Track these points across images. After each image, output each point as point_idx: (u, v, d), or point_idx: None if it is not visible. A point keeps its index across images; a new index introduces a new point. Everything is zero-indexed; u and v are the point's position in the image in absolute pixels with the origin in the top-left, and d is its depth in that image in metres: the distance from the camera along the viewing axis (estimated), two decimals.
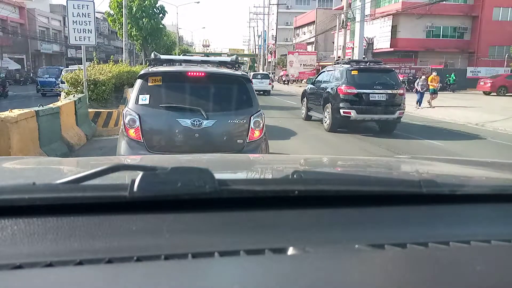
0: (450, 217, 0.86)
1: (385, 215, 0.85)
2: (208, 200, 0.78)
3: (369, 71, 9.79)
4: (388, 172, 1.58)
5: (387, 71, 10.06)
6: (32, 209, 0.72)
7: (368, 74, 9.62)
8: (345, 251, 0.69)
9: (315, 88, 11.14)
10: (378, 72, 9.88)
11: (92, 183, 0.79)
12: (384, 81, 9.43)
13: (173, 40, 48.18)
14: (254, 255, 0.65)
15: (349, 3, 26.73)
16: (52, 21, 45.65)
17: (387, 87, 9.31)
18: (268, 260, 0.65)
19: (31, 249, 0.65)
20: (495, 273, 0.61)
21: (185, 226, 0.75)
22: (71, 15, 8.88)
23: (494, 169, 1.59)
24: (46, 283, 0.55)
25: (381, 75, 9.68)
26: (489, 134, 10.34)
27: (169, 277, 0.57)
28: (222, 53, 49.23)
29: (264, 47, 51.85)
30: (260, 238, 0.71)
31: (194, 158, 1.93)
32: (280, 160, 2.26)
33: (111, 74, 11.58)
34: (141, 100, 3.95)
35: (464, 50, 33.95)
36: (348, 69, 9.50)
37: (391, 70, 10.26)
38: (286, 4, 54.00)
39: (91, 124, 8.98)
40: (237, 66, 4.93)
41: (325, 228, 0.78)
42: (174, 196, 0.76)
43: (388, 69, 10.43)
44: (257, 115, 4.08)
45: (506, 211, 0.92)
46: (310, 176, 1.08)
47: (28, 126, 5.55)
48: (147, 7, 27.18)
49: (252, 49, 72.52)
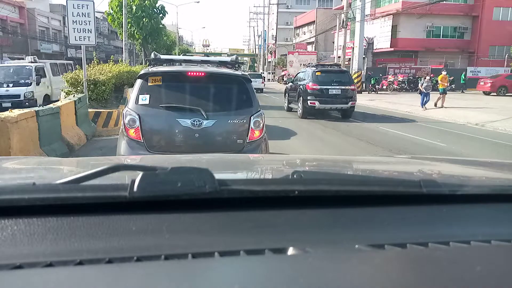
0: (450, 217, 0.86)
1: (385, 215, 0.85)
2: (208, 200, 0.78)
3: (329, 72, 12.89)
4: (388, 172, 1.58)
5: (342, 72, 13.40)
6: (32, 209, 0.72)
7: (328, 74, 12.69)
8: (345, 251, 0.69)
9: (293, 86, 14.07)
10: (336, 73, 13.01)
11: (92, 183, 0.79)
12: (340, 80, 12.54)
13: (173, 40, 48.17)
14: (254, 255, 0.65)
15: (349, 3, 26.73)
16: (52, 21, 45.62)
17: (342, 84, 12.40)
18: (268, 260, 0.65)
19: (31, 249, 0.65)
20: (495, 273, 0.61)
21: (185, 226, 0.75)
22: (71, 14, 8.87)
23: (494, 169, 1.59)
24: (46, 283, 0.55)
25: (338, 75, 12.78)
26: (489, 134, 10.35)
27: (169, 277, 0.57)
28: (222, 53, 49.32)
29: (264, 47, 51.87)
30: (260, 238, 0.71)
31: (194, 158, 1.93)
32: (280, 160, 2.26)
33: (111, 74, 11.59)
34: (141, 100, 3.94)
35: (464, 50, 33.95)
36: (314, 71, 12.67)
37: (346, 71, 13.83)
38: (286, 4, 53.98)
39: (91, 124, 8.98)
40: (237, 66, 4.93)
41: (325, 228, 0.78)
42: (174, 196, 0.76)
43: (343, 70, 13.95)
44: (257, 115, 4.08)
45: (506, 211, 0.92)
46: (310, 176, 1.08)
47: (28, 126, 5.55)
48: (147, 6, 27.17)
49: (252, 49, 72.55)
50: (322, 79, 12.36)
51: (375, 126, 11.39)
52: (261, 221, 0.78)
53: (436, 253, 0.69)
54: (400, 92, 27.22)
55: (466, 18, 33.74)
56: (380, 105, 18.31)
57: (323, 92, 12.19)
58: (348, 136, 9.73)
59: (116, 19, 25.73)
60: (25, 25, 40.06)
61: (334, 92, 12.29)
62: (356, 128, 10.99)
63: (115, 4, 25.50)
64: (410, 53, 33.50)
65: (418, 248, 0.70)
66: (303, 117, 12.51)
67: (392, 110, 16.45)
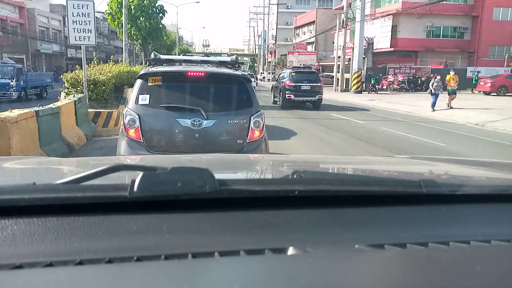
0: (450, 217, 0.86)
1: (385, 215, 0.85)
2: (208, 200, 0.78)
3: (301, 73, 16.75)
4: (388, 172, 1.58)
5: (312, 72, 17.69)
6: (32, 209, 0.72)
7: (301, 74, 16.51)
8: (345, 251, 0.69)
9: (277, 83, 18.07)
10: (307, 73, 16.92)
11: (92, 183, 0.79)
12: (309, 78, 16.39)
13: (173, 40, 48.16)
14: (254, 255, 0.65)
15: (349, 3, 26.74)
16: (52, 21, 45.62)
17: (311, 82, 16.27)
18: (268, 260, 0.65)
19: (31, 249, 0.65)
20: (495, 273, 0.61)
21: (185, 226, 0.75)
22: (71, 15, 8.86)
23: (494, 169, 1.59)
24: (46, 283, 0.55)
25: (309, 75, 16.64)
26: (489, 134, 10.35)
27: (169, 277, 0.57)
28: (222, 53, 49.31)
29: (264, 47, 51.86)
30: (260, 238, 0.71)
31: (194, 158, 1.93)
32: (280, 160, 2.26)
33: (111, 74, 11.59)
34: (141, 100, 3.94)
35: (464, 50, 33.95)
36: (290, 72, 16.86)
37: (314, 72, 18.35)
38: (286, 4, 53.98)
39: (91, 124, 8.98)
40: (237, 66, 4.93)
41: (325, 228, 0.78)
42: (174, 196, 0.76)
43: (313, 71, 18.31)
44: (257, 115, 4.08)
45: (506, 211, 0.91)
46: (310, 176, 1.08)
47: (28, 126, 5.55)
48: (146, 6, 27.16)
49: (252, 49, 72.54)
50: (297, 78, 16.15)
51: (376, 126, 11.40)
52: (261, 221, 0.78)
53: (436, 253, 0.69)
54: (400, 92, 27.21)
55: (466, 18, 33.73)
56: (380, 105, 18.31)
57: (297, 88, 16.03)
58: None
59: (116, 19, 25.73)
60: (25, 25, 40.07)
61: (305, 88, 16.12)
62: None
63: (114, 4, 25.50)
64: (410, 53, 33.49)
65: (418, 248, 0.70)
66: (283, 107, 16.21)
67: (392, 110, 16.46)
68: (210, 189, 0.75)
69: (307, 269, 0.61)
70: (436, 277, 0.58)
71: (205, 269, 0.61)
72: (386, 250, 0.69)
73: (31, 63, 41.14)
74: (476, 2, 32.76)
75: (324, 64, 43.27)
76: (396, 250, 0.69)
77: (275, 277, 0.58)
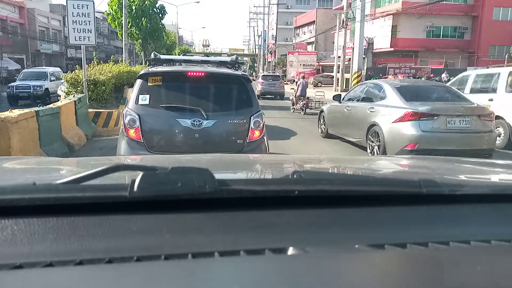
0: (450, 217, 0.86)
1: (385, 215, 0.85)
2: (208, 200, 0.77)
3: (268, 75, 24.33)
4: (388, 172, 1.58)
5: (277, 75, 25.22)
6: (32, 209, 0.72)
7: (267, 76, 23.82)
8: (345, 251, 0.69)
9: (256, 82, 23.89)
10: (272, 76, 24.26)
11: (92, 183, 0.79)
12: (274, 79, 23.06)
13: (173, 40, 48.15)
14: (254, 255, 0.65)
15: (349, 3, 26.73)
16: (52, 21, 45.62)
17: (275, 81, 22.83)
18: (268, 260, 0.65)
19: (31, 249, 0.65)
20: (495, 273, 0.61)
21: (185, 226, 0.75)
22: (71, 15, 8.86)
23: (494, 169, 1.59)
24: (46, 283, 0.55)
25: (273, 76, 23.87)
26: None
27: (169, 277, 0.57)
28: (222, 53, 49.23)
29: (264, 47, 51.80)
30: (260, 238, 0.71)
31: (194, 158, 1.93)
32: (280, 160, 2.26)
33: (111, 74, 11.58)
34: (141, 100, 3.94)
35: (464, 50, 33.95)
36: (262, 75, 24.10)
37: (278, 76, 25.31)
38: (286, 4, 53.89)
39: (91, 124, 8.98)
40: (237, 66, 4.93)
41: (325, 228, 0.78)
42: (174, 196, 0.76)
43: (277, 75, 25.24)
44: (257, 115, 4.08)
45: (506, 211, 0.91)
46: (310, 176, 1.08)
47: (28, 126, 5.55)
48: (147, 7, 27.15)
49: (252, 49, 72.53)
50: (264, 79, 22.73)
51: None
52: (261, 221, 0.78)
53: (436, 253, 0.69)
54: None
55: (466, 18, 33.74)
56: None
57: (266, 86, 22.42)
58: None
59: (116, 19, 25.72)
60: (25, 25, 40.06)
61: (270, 85, 22.61)
62: None
63: (114, 4, 25.49)
64: (410, 53, 33.49)
65: (418, 248, 0.70)
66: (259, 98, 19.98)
67: None
68: (210, 189, 0.75)
69: (307, 269, 0.61)
70: (436, 277, 0.58)
71: (205, 269, 0.61)
72: (386, 250, 0.69)
73: (31, 63, 41.11)
74: (476, 2, 32.77)
75: (324, 64, 43.26)
76: (396, 250, 0.69)
77: (275, 277, 0.58)
